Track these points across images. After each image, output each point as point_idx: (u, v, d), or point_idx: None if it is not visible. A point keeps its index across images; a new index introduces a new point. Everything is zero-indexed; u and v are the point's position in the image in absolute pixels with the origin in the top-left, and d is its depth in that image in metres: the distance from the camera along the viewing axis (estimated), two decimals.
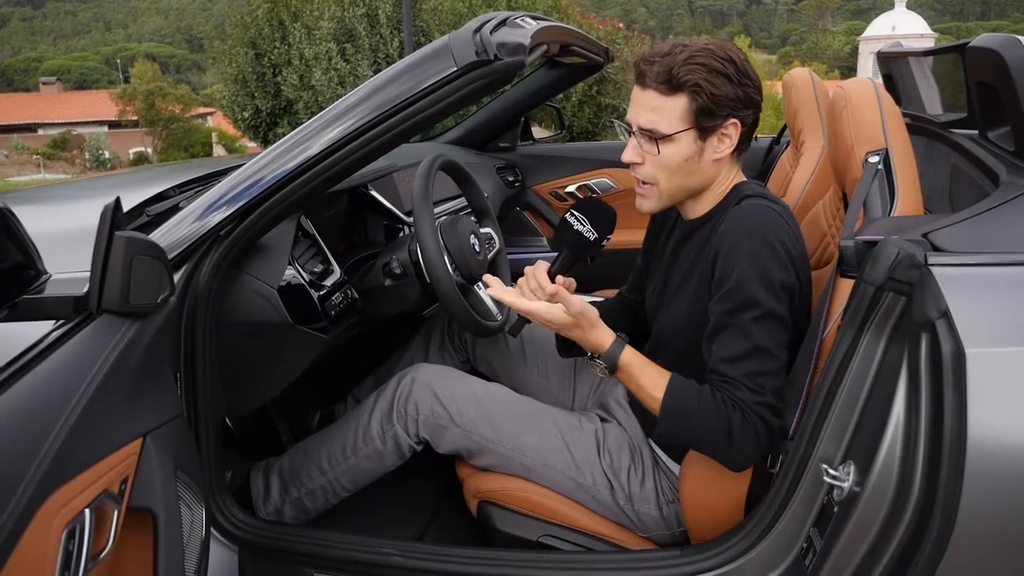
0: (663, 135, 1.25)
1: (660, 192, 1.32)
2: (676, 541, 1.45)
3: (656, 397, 1.24)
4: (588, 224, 1.36)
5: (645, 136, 1.27)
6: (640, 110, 1.27)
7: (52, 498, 0.82)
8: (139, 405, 1.02)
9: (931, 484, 0.99)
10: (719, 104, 1.23)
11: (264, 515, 1.60)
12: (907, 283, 1.03)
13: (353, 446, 1.56)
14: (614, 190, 2.91)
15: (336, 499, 1.60)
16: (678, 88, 1.22)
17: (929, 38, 32.42)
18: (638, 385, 1.26)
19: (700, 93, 1.21)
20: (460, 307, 1.52)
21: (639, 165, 1.30)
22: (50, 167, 23.62)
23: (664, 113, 1.24)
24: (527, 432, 1.49)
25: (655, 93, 1.24)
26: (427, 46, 1.28)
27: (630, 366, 1.27)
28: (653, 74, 1.23)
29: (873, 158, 1.27)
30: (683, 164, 1.28)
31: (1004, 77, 1.22)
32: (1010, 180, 1.19)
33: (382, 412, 1.54)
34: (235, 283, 1.41)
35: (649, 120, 1.25)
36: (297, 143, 1.30)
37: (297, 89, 7.61)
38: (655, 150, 1.26)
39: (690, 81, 1.21)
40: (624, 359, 1.26)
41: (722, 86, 1.22)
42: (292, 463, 1.62)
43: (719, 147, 1.28)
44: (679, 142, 1.25)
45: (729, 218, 1.26)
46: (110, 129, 31.92)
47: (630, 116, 1.29)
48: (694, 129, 1.25)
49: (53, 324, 1.00)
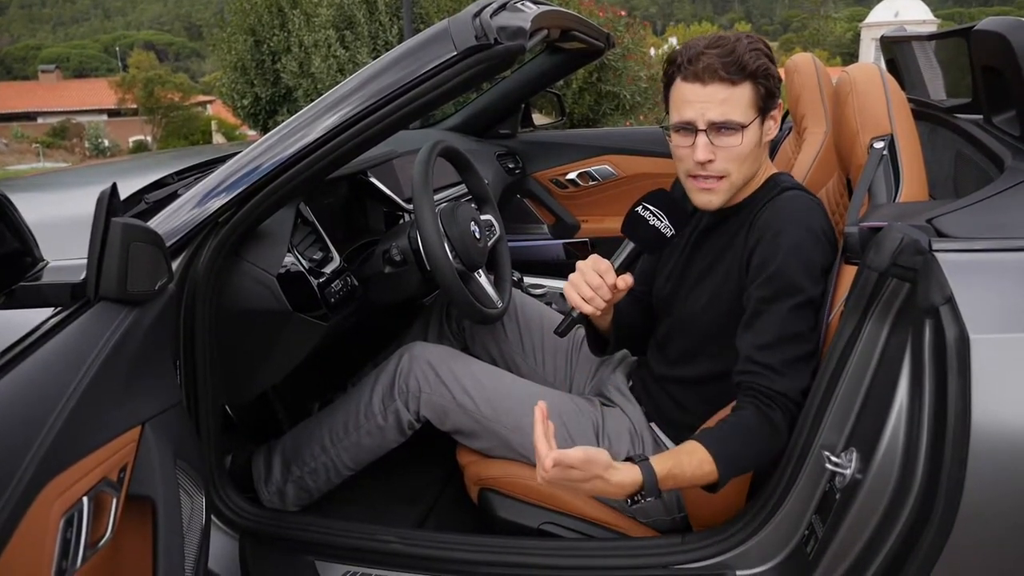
0: (741, 124, 1.25)
1: (731, 183, 1.30)
2: (676, 527, 1.45)
3: (710, 472, 1.16)
4: (666, 219, 1.29)
5: (716, 130, 1.25)
6: (708, 106, 1.24)
7: (50, 486, 0.81)
8: (138, 393, 1.01)
9: (934, 471, 0.99)
10: (777, 87, 1.27)
11: (266, 496, 1.61)
12: (911, 269, 1.02)
13: (355, 422, 1.57)
14: (615, 177, 2.89)
15: (338, 478, 1.61)
16: (745, 76, 1.23)
17: (932, 24, 32.25)
18: (688, 481, 1.16)
19: (763, 78, 1.25)
20: (460, 294, 1.52)
21: (711, 163, 1.27)
22: (49, 155, 23.60)
23: (735, 103, 1.24)
24: (526, 413, 1.47)
25: (721, 86, 1.23)
26: (426, 30, 1.27)
27: (669, 477, 1.14)
28: (718, 66, 1.22)
29: (878, 144, 1.26)
30: (754, 151, 1.29)
31: (1010, 61, 1.21)
32: (1015, 165, 1.18)
33: (383, 388, 1.55)
34: (234, 270, 1.40)
35: (722, 112, 1.24)
36: (296, 129, 1.29)
37: (296, 76, 7.57)
38: (733, 141, 1.26)
39: (759, 68, 1.23)
40: (661, 476, 1.13)
41: (774, 69, 1.27)
42: (294, 442, 1.63)
43: (770, 130, 1.31)
44: (752, 130, 1.27)
45: (773, 207, 1.28)
46: (109, 117, 31.88)
47: (691, 115, 1.25)
48: (760, 116, 1.27)
49: (50, 311, 0.99)
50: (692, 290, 1.40)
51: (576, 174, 2.94)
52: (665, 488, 1.14)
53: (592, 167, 2.92)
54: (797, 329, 1.21)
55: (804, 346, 1.22)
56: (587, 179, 2.93)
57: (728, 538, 1.27)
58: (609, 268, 1.30)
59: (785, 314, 1.21)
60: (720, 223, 1.39)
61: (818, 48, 45.08)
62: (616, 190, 2.92)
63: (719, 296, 1.34)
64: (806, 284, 1.21)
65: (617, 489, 1.10)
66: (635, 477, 1.11)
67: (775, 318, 1.22)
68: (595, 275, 1.29)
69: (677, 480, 1.15)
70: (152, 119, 27.28)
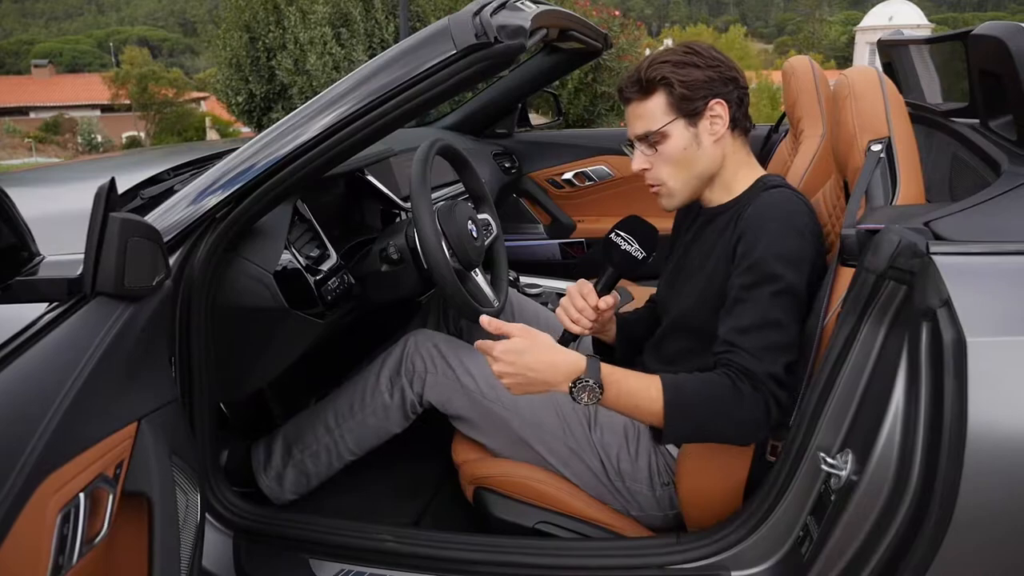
0: (655, 131, 1.33)
1: (671, 189, 1.38)
2: (670, 524, 1.46)
3: (654, 397, 1.21)
4: (636, 244, 1.41)
5: (643, 143, 1.36)
6: (632, 123, 1.36)
7: (46, 482, 0.81)
8: (134, 389, 1.01)
9: (929, 473, 0.99)
10: (693, 88, 1.30)
11: (264, 481, 1.61)
12: (908, 272, 1.02)
13: (361, 401, 1.59)
14: (611, 177, 2.90)
15: (339, 462, 1.61)
16: (651, 88, 1.32)
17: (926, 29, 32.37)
18: (629, 393, 1.22)
19: (671, 84, 1.30)
20: (457, 293, 1.52)
21: (648, 171, 1.38)
22: (42, 150, 23.48)
23: (649, 115, 1.33)
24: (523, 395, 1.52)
25: (636, 103, 1.35)
26: (426, 28, 1.26)
27: (614, 373, 1.22)
28: (628, 87, 1.35)
29: (876, 146, 1.26)
30: (683, 154, 1.34)
31: (1007, 66, 1.22)
32: (1012, 169, 1.19)
33: (391, 368, 1.59)
34: (231, 267, 1.40)
35: (641, 126, 1.35)
36: (294, 126, 1.28)
37: (292, 74, 7.55)
38: (662, 148, 1.34)
39: (657, 76, 1.31)
40: (606, 369, 1.21)
41: (690, 72, 1.30)
42: (297, 426, 1.65)
43: (713, 128, 1.34)
44: (672, 135, 1.33)
45: (756, 203, 1.31)
46: (103, 113, 31.72)
47: (628, 133, 1.39)
48: (681, 118, 1.32)
49: (47, 306, 0.99)
50: (684, 289, 1.43)
51: (572, 174, 2.95)
52: (608, 386, 1.20)
53: (588, 167, 2.93)
54: (775, 316, 1.22)
55: (781, 334, 1.22)
56: (583, 179, 2.94)
57: (723, 538, 1.27)
58: (591, 291, 1.41)
59: (764, 301, 1.22)
60: (710, 221, 1.42)
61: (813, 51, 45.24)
62: (612, 190, 2.92)
63: (708, 294, 1.35)
64: (785, 272, 1.22)
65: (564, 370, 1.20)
66: (579, 361, 1.21)
67: (754, 304, 1.23)
68: (580, 298, 1.41)
69: (620, 386, 1.21)
70: (146, 115, 27.17)
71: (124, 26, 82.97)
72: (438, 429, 1.62)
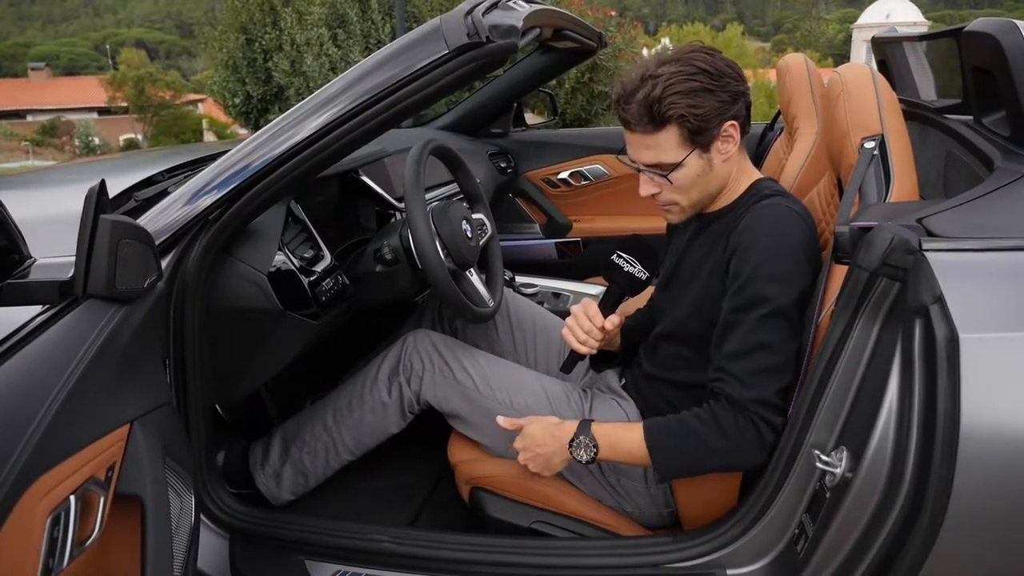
0: (670, 164, 1.28)
1: (683, 208, 1.36)
2: (665, 522, 1.46)
3: (637, 439, 1.29)
4: (639, 265, 1.43)
5: (653, 171, 1.30)
6: (638, 150, 1.30)
7: (36, 484, 0.81)
8: (126, 391, 1.01)
9: (923, 470, 0.99)
10: (708, 120, 1.24)
11: (261, 479, 1.61)
12: (901, 268, 1.02)
13: (360, 399, 1.60)
14: (607, 176, 2.90)
15: (337, 462, 1.61)
16: (664, 123, 1.24)
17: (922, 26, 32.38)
18: (620, 442, 1.31)
19: (685, 120, 1.23)
20: (452, 293, 1.51)
21: (657, 194, 1.34)
22: (39, 153, 23.47)
23: (661, 147, 1.27)
24: (520, 393, 1.54)
25: (645, 134, 1.27)
26: (418, 28, 1.26)
27: (602, 427, 1.33)
28: (635, 117, 1.25)
29: (869, 144, 1.26)
30: (697, 179, 1.31)
31: (1000, 62, 1.22)
32: (1005, 166, 1.19)
33: (389, 366, 1.60)
34: (224, 268, 1.39)
35: (651, 156, 1.29)
36: (287, 126, 1.28)
37: (288, 75, 7.54)
38: (673, 177, 1.30)
39: (673, 114, 1.23)
40: (596, 427, 1.32)
41: (703, 102, 1.23)
42: (296, 425, 1.65)
43: (725, 149, 1.30)
44: (687, 165, 1.28)
45: (750, 216, 1.28)
46: (100, 115, 31.72)
47: (632, 155, 1.32)
48: (696, 149, 1.27)
49: (38, 309, 0.98)
50: (679, 297, 1.43)
51: (568, 174, 2.94)
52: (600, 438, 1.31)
53: (584, 167, 2.92)
54: (764, 339, 1.21)
55: (771, 357, 1.22)
56: (579, 179, 2.93)
57: (718, 537, 1.27)
58: (597, 313, 1.44)
59: (753, 325, 1.22)
60: (704, 228, 1.41)
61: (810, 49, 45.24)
62: (608, 190, 2.92)
63: (702, 304, 1.35)
64: (775, 295, 1.21)
65: (561, 436, 1.34)
66: (572, 426, 1.34)
67: (743, 329, 1.23)
68: (587, 320, 1.43)
69: (610, 438, 1.31)
70: (143, 117, 27.17)
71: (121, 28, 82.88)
72: (433, 430, 1.62)
